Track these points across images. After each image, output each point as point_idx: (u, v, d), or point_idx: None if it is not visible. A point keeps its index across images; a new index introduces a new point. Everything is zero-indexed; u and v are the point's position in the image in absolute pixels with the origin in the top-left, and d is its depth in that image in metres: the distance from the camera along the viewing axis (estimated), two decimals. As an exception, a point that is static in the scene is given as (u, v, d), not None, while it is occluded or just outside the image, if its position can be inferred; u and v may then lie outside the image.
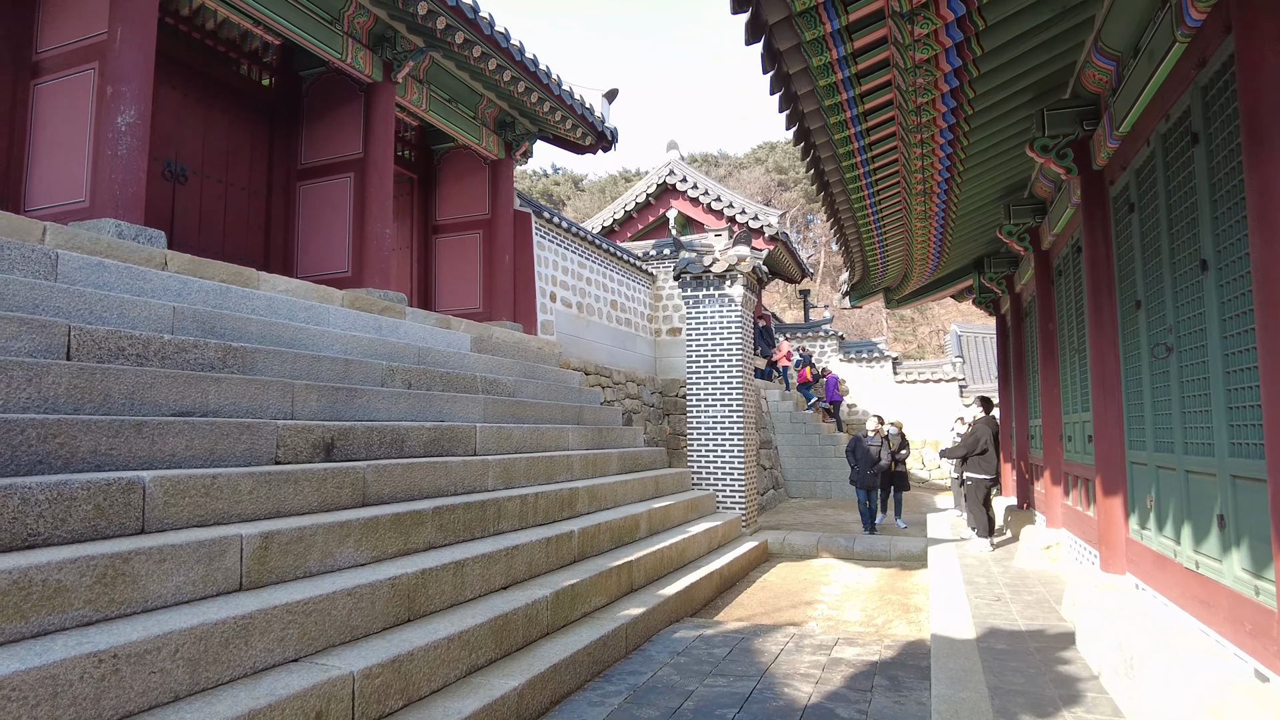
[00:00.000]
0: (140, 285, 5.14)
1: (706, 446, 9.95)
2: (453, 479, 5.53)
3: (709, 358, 10.01)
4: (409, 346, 7.20)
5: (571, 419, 8.67)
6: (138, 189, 5.94)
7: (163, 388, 4.20)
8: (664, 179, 17.89)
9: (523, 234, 11.13)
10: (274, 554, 3.66)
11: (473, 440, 6.35)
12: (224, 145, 8.62)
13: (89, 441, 3.53)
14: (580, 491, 6.70)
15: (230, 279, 6.17)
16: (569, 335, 11.82)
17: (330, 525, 3.99)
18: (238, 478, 3.85)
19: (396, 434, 5.47)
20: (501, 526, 5.49)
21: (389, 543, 4.38)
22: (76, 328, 4.12)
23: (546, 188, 58.69)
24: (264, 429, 4.41)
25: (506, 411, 7.45)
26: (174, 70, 8.02)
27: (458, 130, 10.32)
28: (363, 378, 6.12)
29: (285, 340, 5.86)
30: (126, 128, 5.90)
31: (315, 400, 5.23)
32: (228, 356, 4.98)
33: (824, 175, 6.77)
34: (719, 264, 9.83)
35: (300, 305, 6.45)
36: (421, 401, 6.31)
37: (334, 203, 8.92)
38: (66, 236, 5.06)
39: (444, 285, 11.33)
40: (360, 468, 4.67)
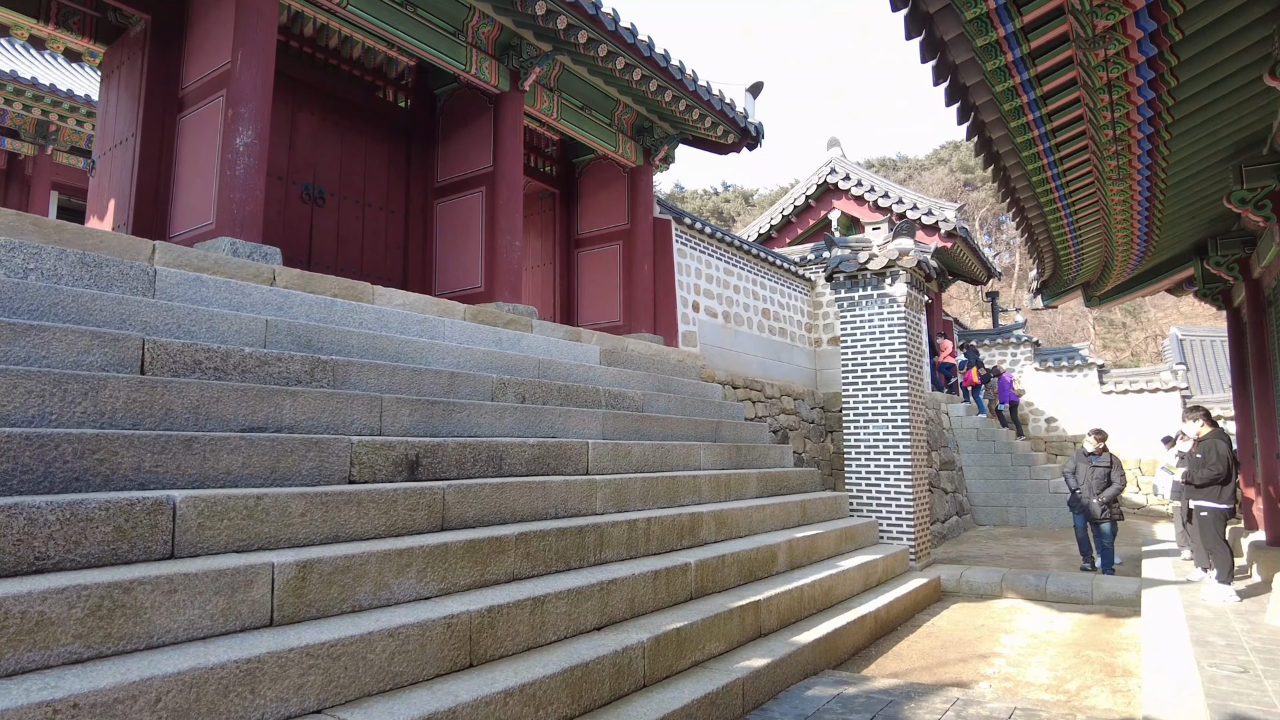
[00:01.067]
0: (238, 300, 5.07)
1: (867, 468, 8.81)
2: (552, 501, 4.99)
3: (868, 366, 8.88)
4: (528, 359, 6.82)
5: (706, 435, 7.93)
6: (254, 207, 6.00)
7: (230, 402, 3.99)
8: (824, 178, 16.72)
9: (662, 242, 10.59)
10: (313, 585, 3.25)
11: (584, 458, 5.80)
12: (361, 167, 8.81)
13: (131, 458, 3.31)
14: (705, 517, 5.94)
15: (343, 293, 6.07)
16: (714, 346, 11.09)
17: (386, 553, 3.54)
18: (287, 498, 3.51)
19: (493, 451, 5.03)
20: (604, 556, 4.87)
21: (461, 573, 3.88)
22: (151, 341, 4.01)
23: (717, 205, 58.39)
24: (334, 445, 4.09)
25: (629, 427, 6.86)
26: (312, 96, 8.29)
27: (593, 138, 10.00)
28: (470, 391, 5.78)
29: (390, 354, 5.63)
30: (244, 148, 5.98)
31: (407, 415, 4.90)
32: (315, 370, 4.77)
33: (1003, 169, 5.85)
34: (876, 260, 8.71)
35: (413, 319, 6.25)
36: (531, 416, 5.86)
37: (467, 218, 8.85)
38: (175, 255, 5.11)
39: (585, 299, 11.03)
40: (439, 488, 4.23)
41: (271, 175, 7.85)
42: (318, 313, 5.55)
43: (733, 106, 10.26)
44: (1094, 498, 8.85)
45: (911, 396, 8.68)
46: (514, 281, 8.36)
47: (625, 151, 10.48)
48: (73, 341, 3.73)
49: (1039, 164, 6.02)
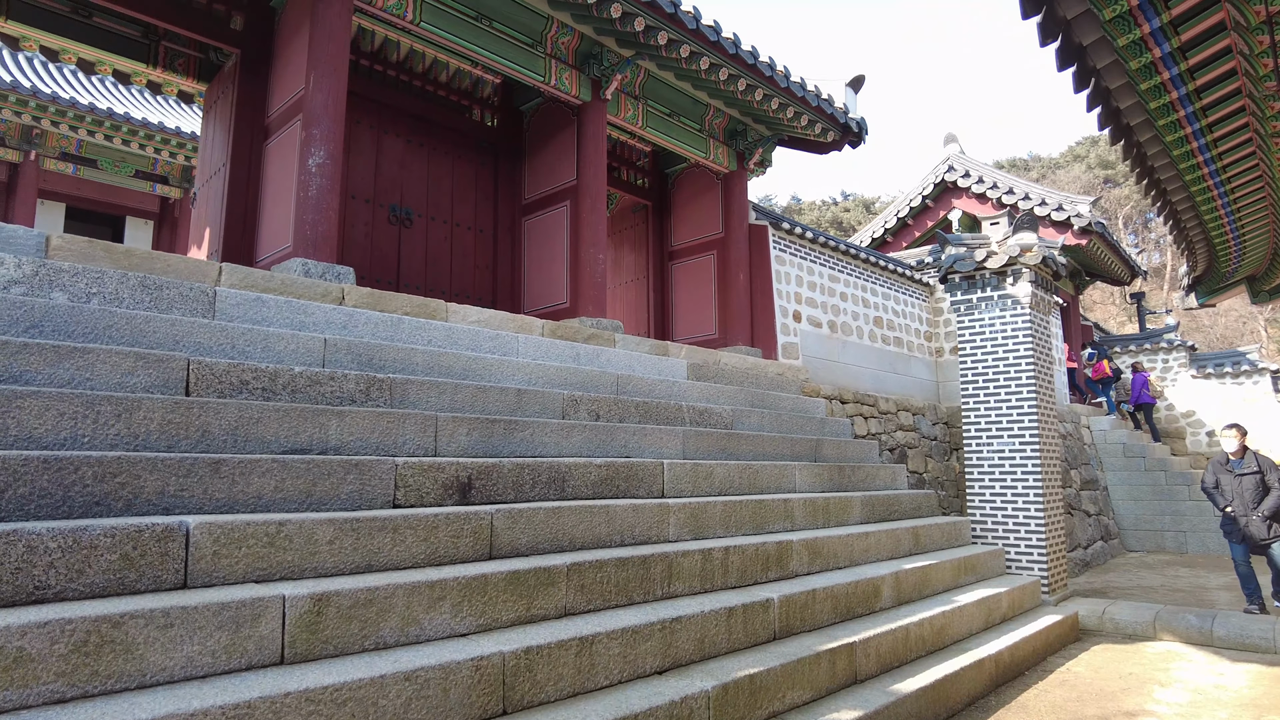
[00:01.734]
0: (300, 319, 5.01)
1: (991, 489, 7.88)
2: (617, 527, 4.59)
3: (990, 376, 7.97)
4: (605, 375, 6.48)
5: (804, 455, 7.31)
6: (327, 228, 5.99)
7: (271, 423, 3.84)
8: (942, 177, 15.60)
9: (759, 249, 10.05)
10: (330, 620, 2.99)
11: (658, 479, 5.37)
12: (449, 187, 8.82)
13: (154, 482, 3.18)
14: (795, 545, 5.36)
15: (414, 311, 5.96)
16: (818, 359, 10.40)
17: (415, 585, 3.25)
18: (313, 524, 3.29)
19: (555, 472, 4.69)
20: (673, 589, 4.40)
21: (502, 608, 3.54)
22: (196, 361, 3.94)
23: (836, 215, 56.70)
24: (377, 467, 3.87)
25: (714, 445, 6.37)
26: (399, 119, 8.37)
27: (682, 145, 9.64)
28: (538, 409, 5.49)
29: (456, 372, 5.43)
30: (317, 168, 6.00)
31: (464, 434, 4.65)
32: (371, 389, 4.60)
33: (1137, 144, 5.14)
34: (995, 258, 7.83)
35: (485, 336, 6.05)
36: (603, 435, 5.50)
37: (553, 234, 8.67)
38: (241, 276, 5.11)
39: (679, 313, 10.64)
40: (485, 512, 3.93)
41: (358, 198, 7.96)
42: (384, 331, 5.43)
43: (830, 102, 9.63)
44: (1251, 514, 7.20)
45: (1041, 408, 7.71)
46: (598, 296, 8.08)
47: (717, 157, 10.06)
48: (117, 363, 3.69)
49: (1181, 133, 5.13)
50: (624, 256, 11.40)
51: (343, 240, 7.70)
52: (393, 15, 6.71)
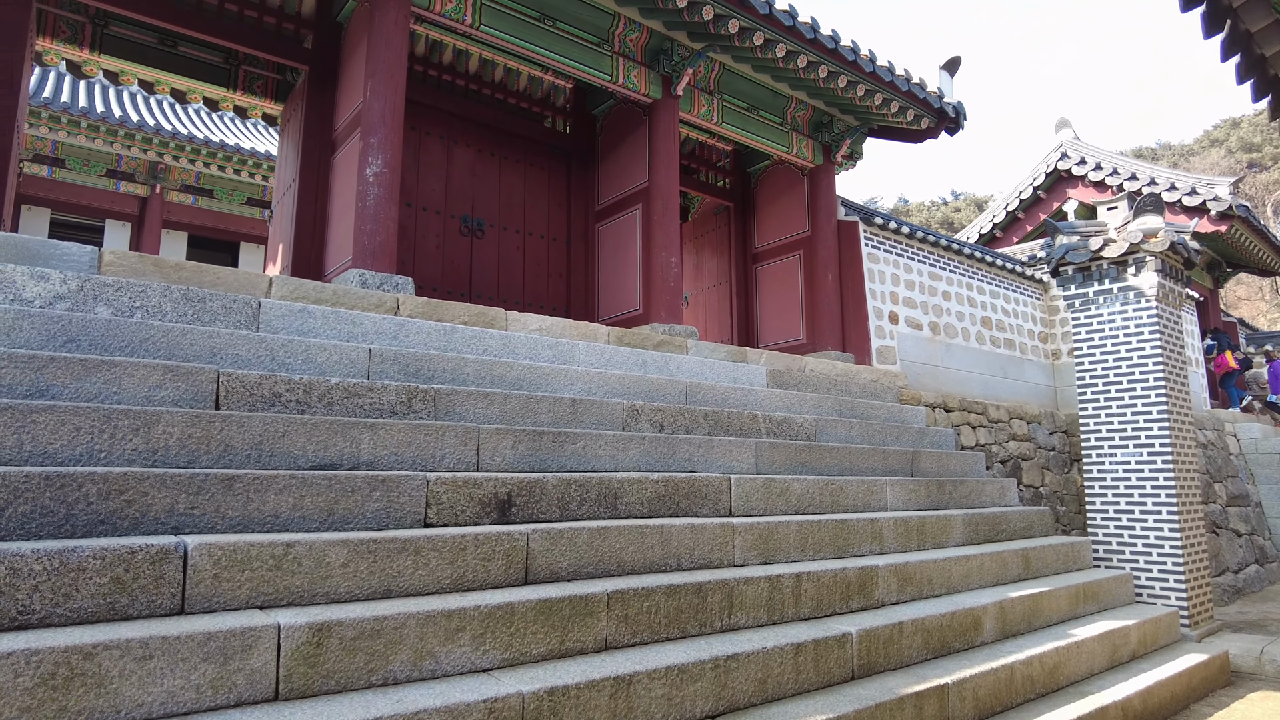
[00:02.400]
0: (347, 330, 4.87)
1: (1116, 505, 6.95)
2: (672, 549, 4.17)
3: (1110, 379, 7.06)
4: (673, 383, 6.08)
5: (898, 468, 6.65)
6: (385, 237, 5.89)
7: (299, 437, 3.66)
8: (1054, 165, 14.34)
9: (849, 247, 9.41)
10: (331, 652, 2.72)
11: (724, 496, 4.91)
12: (521, 196, 8.67)
13: (162, 499, 3.02)
14: (881, 571, 4.77)
15: (472, 320, 5.76)
16: (918, 363, 9.62)
17: (430, 614, 2.95)
18: (324, 546, 3.04)
19: (606, 487, 4.32)
20: (734, 620, 3.94)
21: (531, 640, 3.19)
22: (226, 374, 3.81)
23: (946, 215, 54.21)
24: (406, 483, 3.61)
25: (792, 459, 5.85)
26: (469, 129, 8.29)
27: (762, 140, 9.16)
28: (595, 420, 5.15)
29: (509, 381, 5.17)
30: (374, 178, 5.91)
31: (509, 448, 4.36)
32: (413, 400, 4.38)
33: None
34: (1114, 245, 6.95)
35: (544, 344, 5.78)
36: (664, 447, 5.10)
37: (625, 239, 8.38)
38: (292, 288, 5.03)
39: (765, 318, 10.11)
40: (520, 532, 3.60)
41: (429, 210, 7.91)
42: (436, 340, 5.24)
43: (922, 86, 8.91)
44: None
45: (1173, 413, 6.74)
46: (671, 301, 7.70)
47: (801, 151, 9.50)
48: (144, 376, 3.60)
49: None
50: (705, 261, 10.98)
51: (414, 253, 7.65)
52: (451, 20, 6.60)
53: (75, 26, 7.00)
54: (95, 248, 4.39)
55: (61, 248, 4.29)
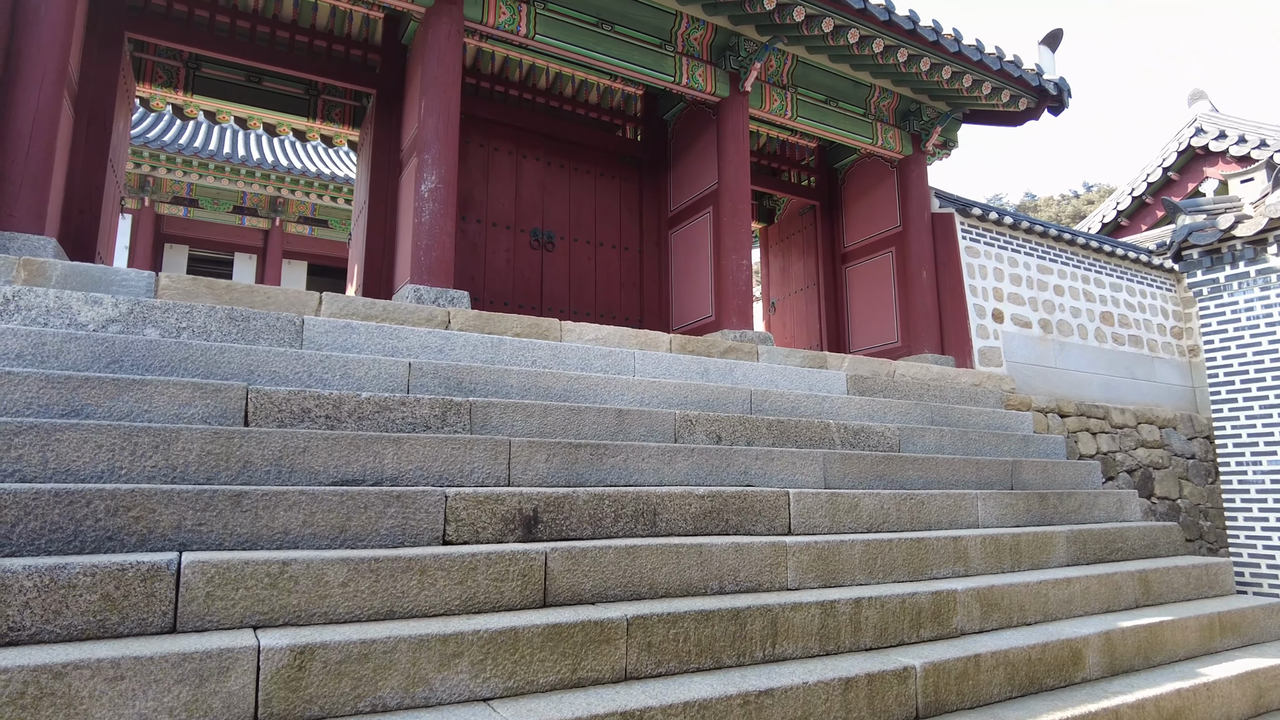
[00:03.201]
0: (392, 345, 4.85)
1: (1263, 521, 6.01)
2: (712, 571, 3.85)
3: (1250, 375, 6.14)
4: (736, 391, 5.75)
5: (994, 480, 6.01)
6: (440, 252, 5.89)
7: (320, 452, 3.62)
8: (1187, 142, 12.88)
9: (944, 241, 8.75)
10: (315, 676, 2.60)
11: (782, 512, 4.54)
12: (591, 206, 8.57)
13: (169, 516, 3.01)
14: (961, 596, 4.25)
15: (525, 332, 5.65)
16: (1027, 365, 8.79)
17: (424, 638, 2.79)
18: (322, 564, 2.95)
19: (644, 503, 4.06)
20: (781, 651, 3.57)
21: (539, 668, 2.98)
22: (255, 390, 3.83)
23: (1077, 209, 50.60)
24: (422, 499, 3.49)
25: (867, 471, 5.38)
26: (538, 142, 8.28)
27: (843, 133, 8.68)
28: (644, 431, 4.90)
29: (555, 393, 5.01)
30: (429, 193, 5.94)
31: (543, 461, 4.18)
32: (447, 413, 4.29)
33: None
34: (1249, 222, 6.05)
35: (597, 353, 5.59)
36: (718, 459, 4.79)
37: (697, 244, 8.12)
38: (341, 305, 5.08)
39: (857, 321, 9.56)
40: (538, 551, 3.40)
41: (499, 225, 7.93)
42: (483, 353, 5.15)
43: (1017, 64, 8.18)
44: None
45: (1336, 416, 5.76)
46: (742, 306, 7.35)
47: (887, 142, 8.94)
48: (175, 394, 3.66)
49: None
50: (792, 264, 10.53)
51: (484, 268, 7.68)
52: (505, 32, 6.59)
53: (170, 71, 7.48)
54: (152, 273, 4.57)
55: (121, 274, 4.49)
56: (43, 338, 3.74)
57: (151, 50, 7.34)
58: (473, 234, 7.68)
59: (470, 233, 7.67)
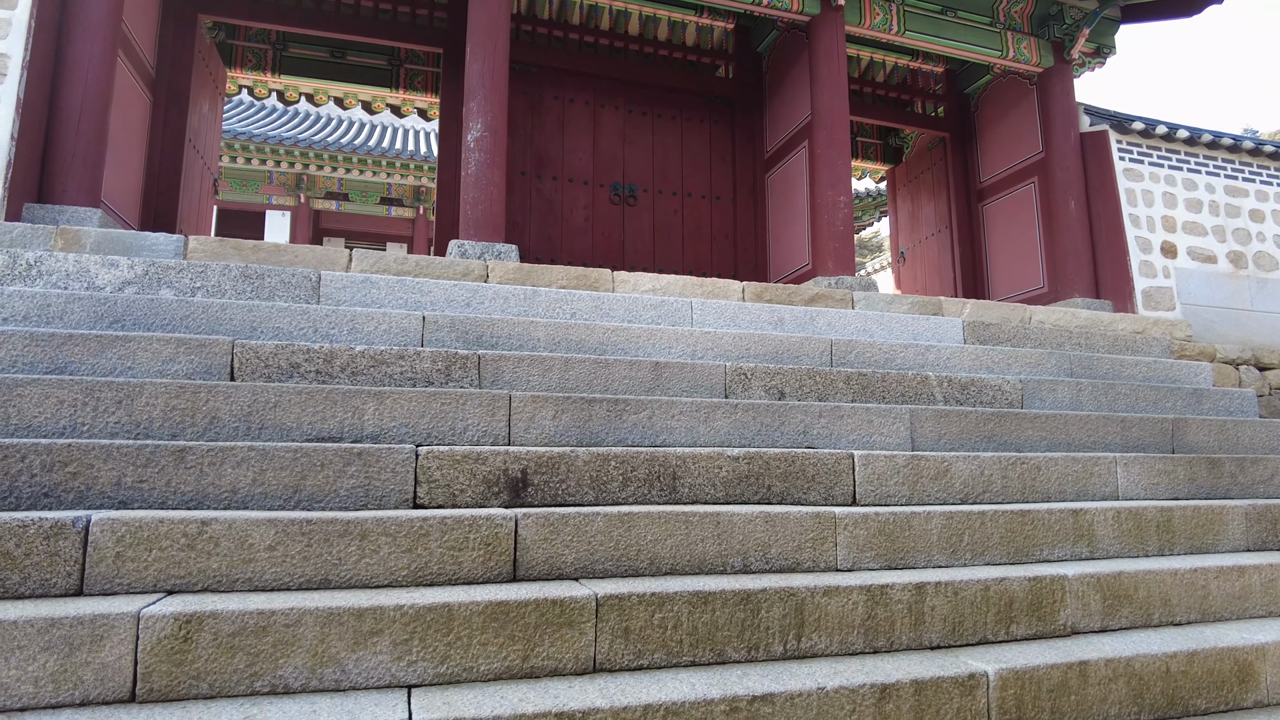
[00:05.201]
0: (413, 299, 4.55)
1: None
2: (734, 545, 3.20)
3: None
4: (813, 342, 4.98)
5: (1145, 441, 4.84)
6: (487, 205, 5.55)
7: (292, 407, 3.34)
8: None
9: (1097, 165, 7.34)
10: (203, 650, 2.28)
11: (844, 478, 3.78)
12: (677, 155, 7.95)
13: (109, 472, 2.82)
14: (1072, 585, 3.32)
15: (571, 283, 5.20)
16: (1211, 307, 7.20)
17: (334, 612, 2.40)
18: (247, 525, 2.64)
19: (660, 465, 3.48)
20: (808, 645, 2.88)
21: (479, 653, 2.51)
22: (241, 344, 3.63)
23: None
24: (388, 457, 3.12)
25: (970, 430, 4.45)
26: (615, 90, 7.76)
27: (963, 47, 7.50)
28: (686, 386, 4.30)
29: (587, 346, 4.52)
30: (475, 143, 5.61)
31: (549, 418, 3.70)
32: (452, 367, 3.91)
33: None
34: None
35: (648, 304, 5.03)
36: (770, 418, 4.09)
37: (793, 185, 7.30)
38: (371, 262, 4.85)
39: (996, 267, 8.31)
40: (505, 516, 2.93)
41: (575, 181, 7.52)
42: (514, 306, 4.75)
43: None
44: None
45: None
46: (840, 249, 6.48)
47: (1021, 54, 7.61)
48: (158, 350, 3.52)
49: None
50: (921, 207, 9.35)
51: (561, 227, 7.31)
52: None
53: (259, 54, 7.67)
54: (182, 237, 4.54)
55: (151, 239, 4.49)
56: (47, 299, 3.74)
57: (241, 35, 7.55)
58: (548, 192, 7.32)
59: (546, 191, 7.32)
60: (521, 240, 7.07)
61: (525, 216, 7.14)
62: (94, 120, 4.95)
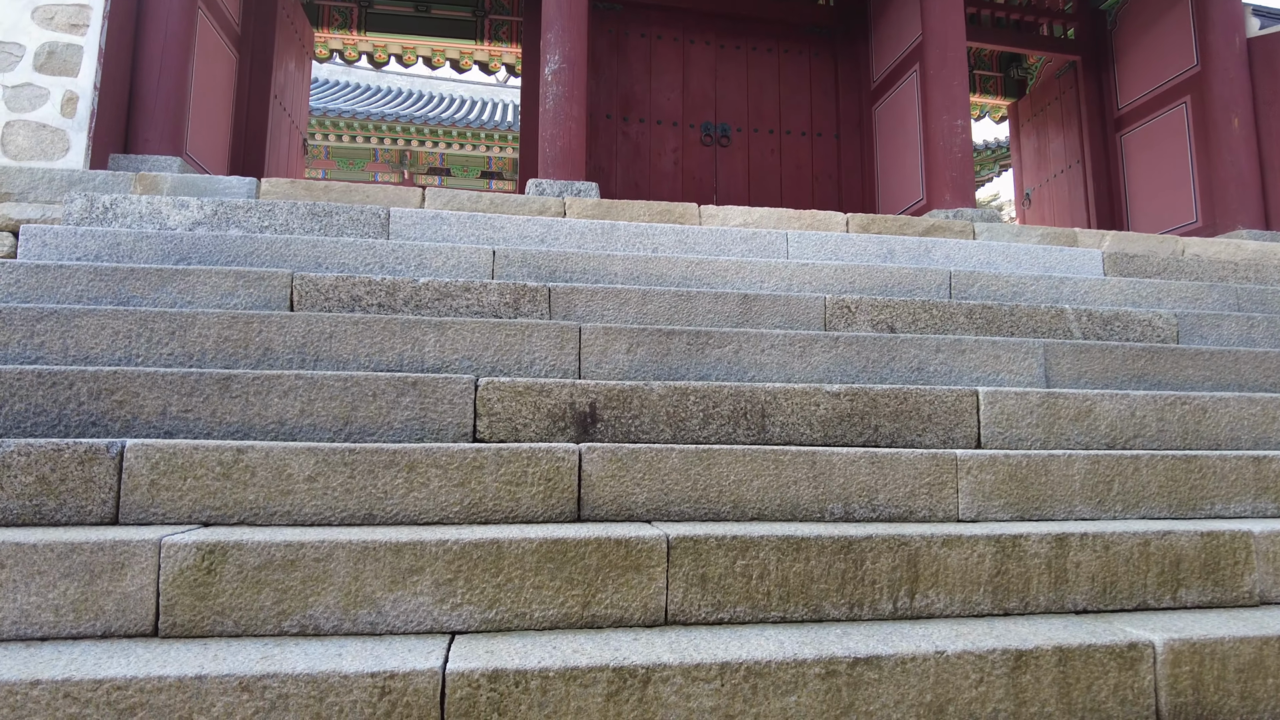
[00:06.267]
0: (486, 235, 4.29)
1: None
2: (831, 489, 2.76)
3: None
4: (928, 273, 4.42)
5: (1343, 383, 4.01)
6: (566, 141, 5.23)
7: (348, 338, 3.13)
8: None
9: (1268, 75, 6.30)
10: (228, 583, 2.07)
11: (966, 418, 3.25)
12: (774, 91, 7.38)
13: (154, 400, 2.68)
14: (1260, 544, 2.69)
15: (654, 218, 4.81)
16: None
17: (370, 546, 2.14)
18: (284, 455, 2.42)
19: (747, 401, 3.06)
20: (923, 603, 2.42)
21: (534, 597, 2.20)
22: (300, 277, 3.45)
23: None
24: (445, 388, 2.85)
25: (1117, 368, 3.79)
26: (705, 24, 7.26)
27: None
28: (778, 319, 3.85)
29: (669, 279, 4.13)
30: (552, 76, 5.29)
31: (623, 351, 3.35)
32: (520, 300, 3.61)
33: None
34: None
35: (738, 236, 4.58)
36: (877, 352, 3.59)
37: (903, 115, 6.62)
38: (445, 199, 4.62)
39: (1138, 203, 7.34)
40: (567, 450, 2.60)
41: (664, 123, 7.10)
42: (592, 240, 4.41)
43: None
44: None
45: None
46: (958, 178, 5.78)
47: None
48: (217, 284, 3.39)
49: None
50: (1048, 143, 8.39)
51: (648, 171, 6.93)
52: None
53: (344, 12, 7.62)
54: (254, 179, 4.43)
55: (225, 181, 4.41)
56: (117, 238, 3.68)
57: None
58: (634, 136, 6.94)
59: (631, 135, 6.94)
60: (606, 186, 6.74)
61: (610, 162, 6.80)
62: (175, 72, 4.94)
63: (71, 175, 4.29)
